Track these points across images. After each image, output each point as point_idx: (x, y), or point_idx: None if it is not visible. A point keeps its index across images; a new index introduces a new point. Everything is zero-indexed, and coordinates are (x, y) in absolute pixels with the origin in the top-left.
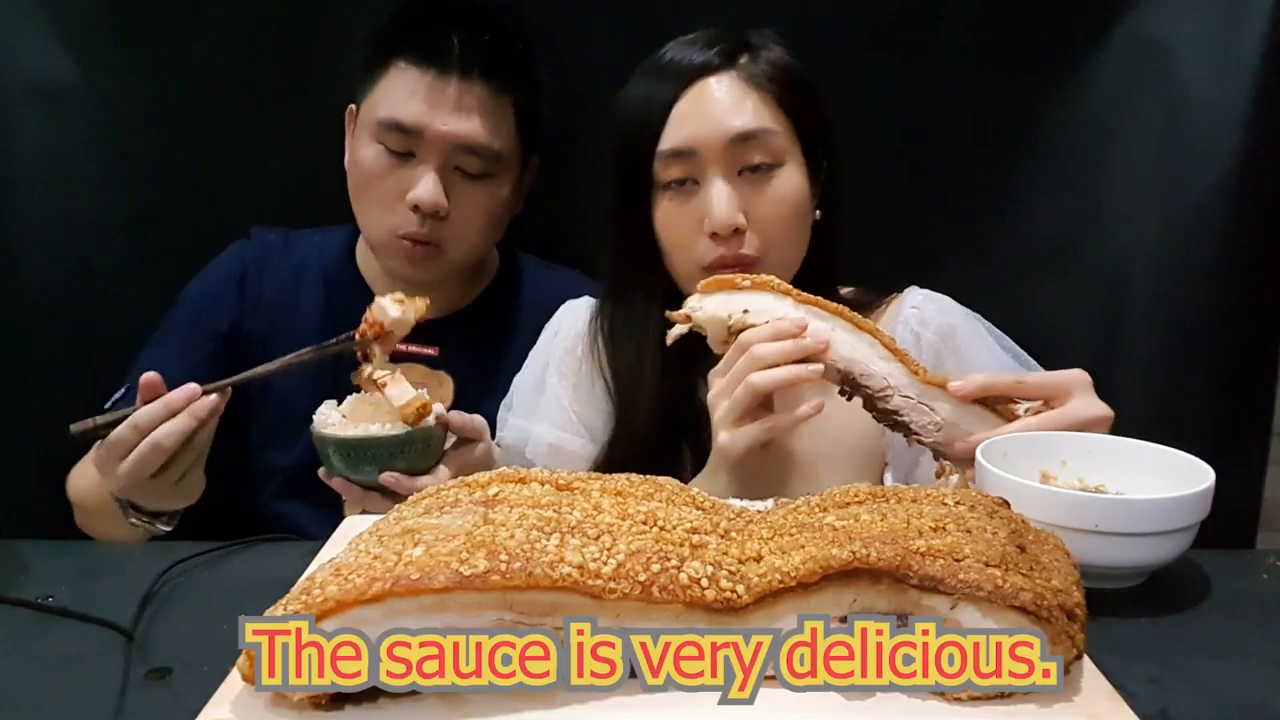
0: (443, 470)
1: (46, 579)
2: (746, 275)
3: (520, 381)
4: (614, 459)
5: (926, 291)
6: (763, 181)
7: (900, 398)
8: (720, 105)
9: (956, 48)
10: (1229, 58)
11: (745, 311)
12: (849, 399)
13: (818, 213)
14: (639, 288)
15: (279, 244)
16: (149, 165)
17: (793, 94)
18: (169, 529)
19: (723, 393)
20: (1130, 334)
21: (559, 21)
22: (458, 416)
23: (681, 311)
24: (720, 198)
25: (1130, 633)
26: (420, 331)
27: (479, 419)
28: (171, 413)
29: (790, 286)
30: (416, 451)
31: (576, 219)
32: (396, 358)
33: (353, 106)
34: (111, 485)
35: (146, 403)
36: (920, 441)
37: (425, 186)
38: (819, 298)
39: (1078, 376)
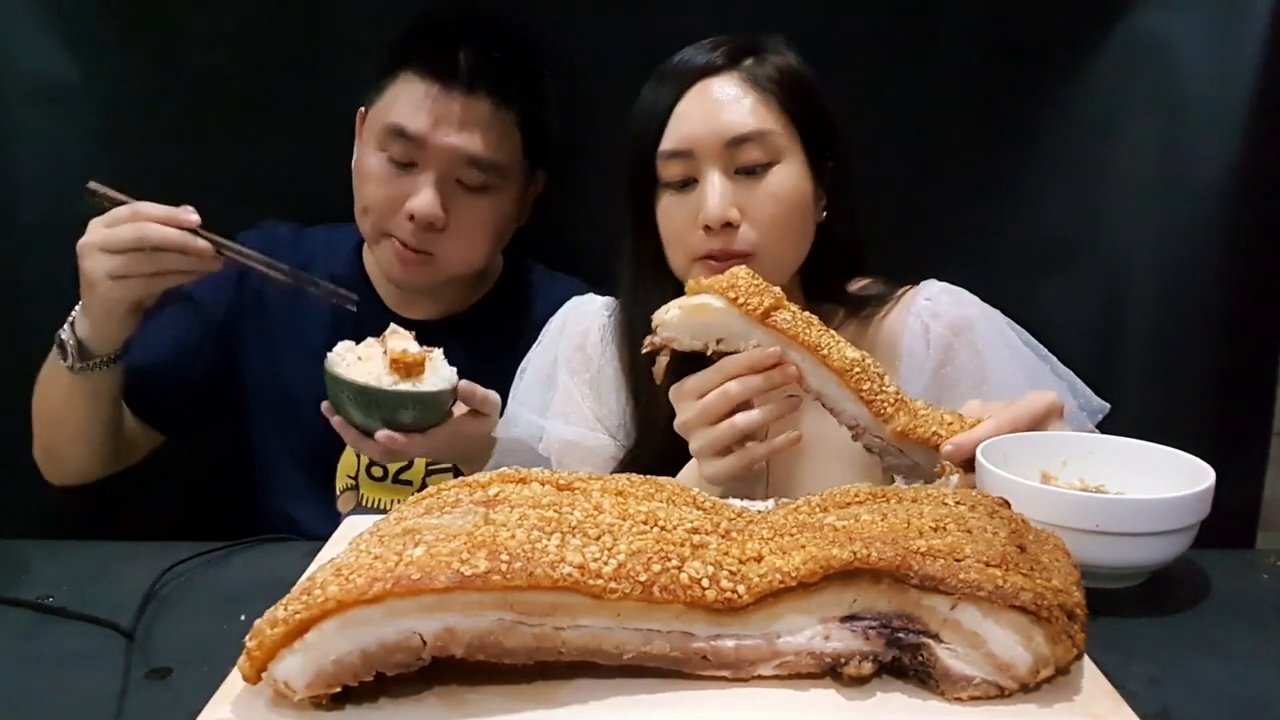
0: (440, 432)
1: (46, 579)
2: (720, 289)
3: (526, 378)
4: (642, 456)
5: (945, 284)
6: (758, 179)
7: (870, 437)
8: (717, 105)
9: (957, 48)
10: (1229, 58)
11: (719, 341)
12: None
13: (824, 213)
14: (654, 287)
15: (286, 240)
16: (149, 165)
17: (794, 95)
18: (95, 369)
19: (699, 421)
20: (1130, 334)
21: (567, 35)
22: (474, 388)
23: (658, 339)
24: (714, 192)
25: (1130, 633)
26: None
27: (494, 395)
28: (172, 222)
29: (763, 311)
30: (424, 408)
31: (583, 228)
32: None
33: (363, 110)
34: (83, 257)
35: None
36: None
37: (423, 198)
38: (792, 331)
39: (1056, 405)
